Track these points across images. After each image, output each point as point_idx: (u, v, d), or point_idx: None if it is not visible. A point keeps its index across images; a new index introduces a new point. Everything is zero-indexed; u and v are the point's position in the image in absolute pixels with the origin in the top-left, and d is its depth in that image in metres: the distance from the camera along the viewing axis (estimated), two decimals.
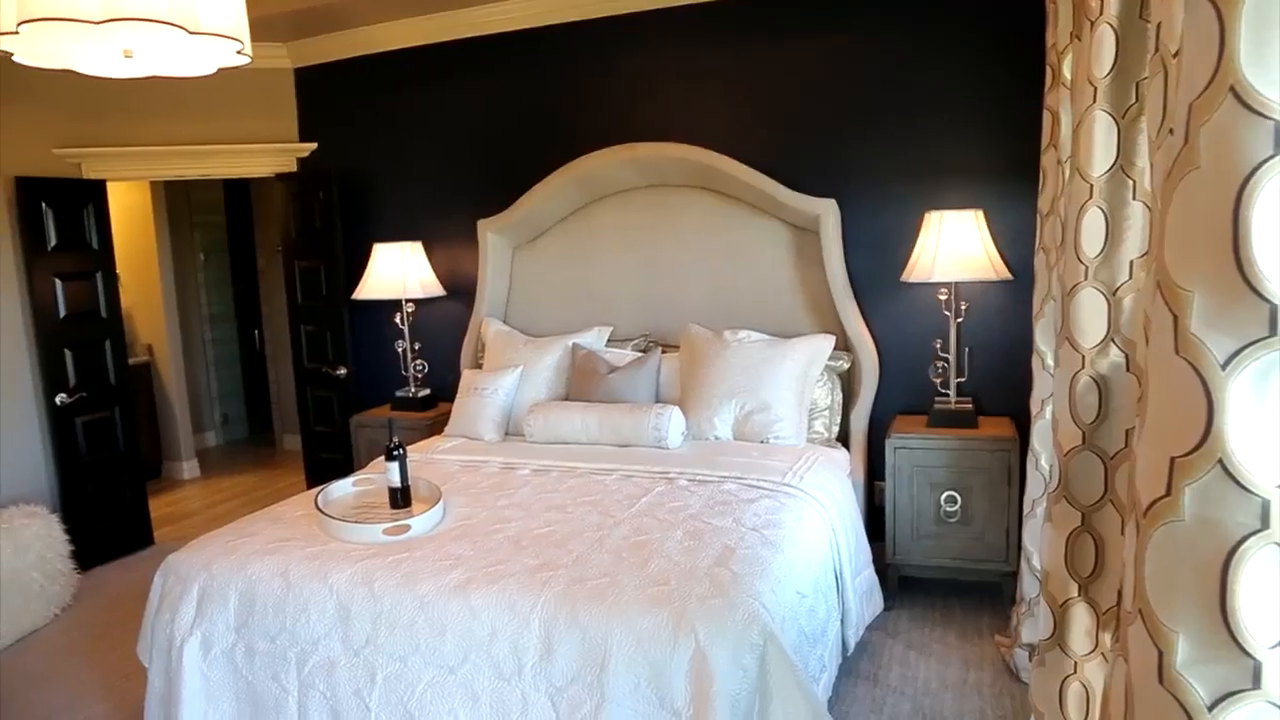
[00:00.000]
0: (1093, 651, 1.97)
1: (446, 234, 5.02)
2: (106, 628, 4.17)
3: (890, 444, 3.86)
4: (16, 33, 2.23)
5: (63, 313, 4.88)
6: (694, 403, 3.97)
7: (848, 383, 4.20)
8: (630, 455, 3.70)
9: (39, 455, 4.90)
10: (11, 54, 2.41)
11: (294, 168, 5.37)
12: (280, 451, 7.52)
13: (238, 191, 7.66)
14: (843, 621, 3.12)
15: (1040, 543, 2.68)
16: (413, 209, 5.14)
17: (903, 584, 4.00)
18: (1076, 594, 1.97)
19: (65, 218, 4.89)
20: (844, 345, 4.17)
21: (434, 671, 2.50)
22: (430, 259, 4.95)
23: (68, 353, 4.91)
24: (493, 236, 4.70)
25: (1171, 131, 1.10)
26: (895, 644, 3.58)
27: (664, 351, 4.31)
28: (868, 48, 4.11)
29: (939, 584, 4.04)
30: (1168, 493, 1.08)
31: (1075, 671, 1.99)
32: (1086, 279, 1.88)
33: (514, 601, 2.44)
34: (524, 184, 4.61)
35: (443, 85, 4.96)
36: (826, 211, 4.08)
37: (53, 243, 4.83)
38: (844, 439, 4.13)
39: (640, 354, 4.31)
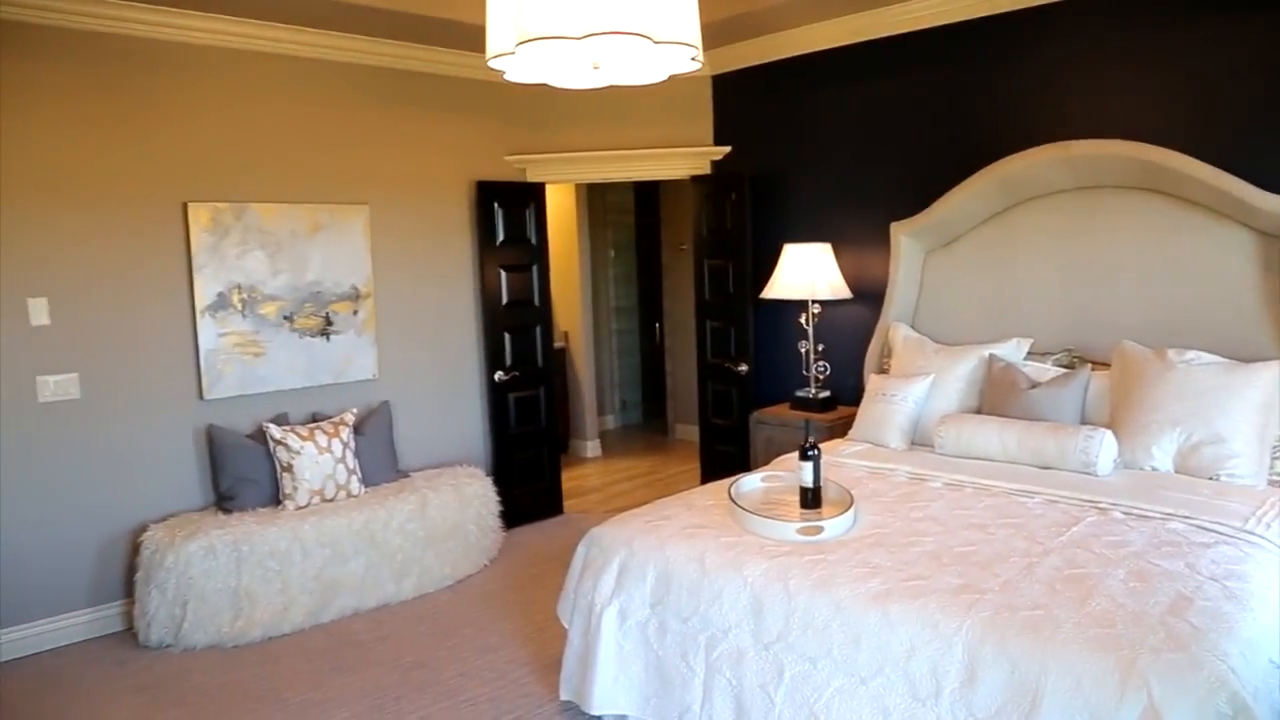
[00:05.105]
0: None
1: (854, 236, 4.97)
2: (525, 583, 4.64)
3: None
4: (513, 53, 2.51)
5: (505, 300, 5.52)
6: (1127, 427, 3.58)
7: None
8: (1052, 478, 3.42)
9: (478, 424, 5.58)
10: (504, 72, 2.70)
11: (708, 170, 5.61)
12: (672, 440, 7.93)
13: (647, 193, 8.19)
14: None
15: None
16: (821, 210, 5.15)
17: None
18: None
19: (511, 216, 5.52)
20: None
21: (844, 679, 2.47)
22: (837, 260, 4.93)
23: (507, 336, 5.54)
24: (905, 240, 4.57)
25: None
26: None
27: (1092, 369, 3.93)
28: None
29: None
30: None
31: None
32: None
33: (936, 620, 2.34)
34: (938, 186, 4.44)
35: (855, 86, 4.92)
36: None
37: (500, 238, 5.48)
38: None
39: (1064, 370, 3.97)
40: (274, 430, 4.37)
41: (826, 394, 4.91)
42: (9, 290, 3.90)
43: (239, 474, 4.33)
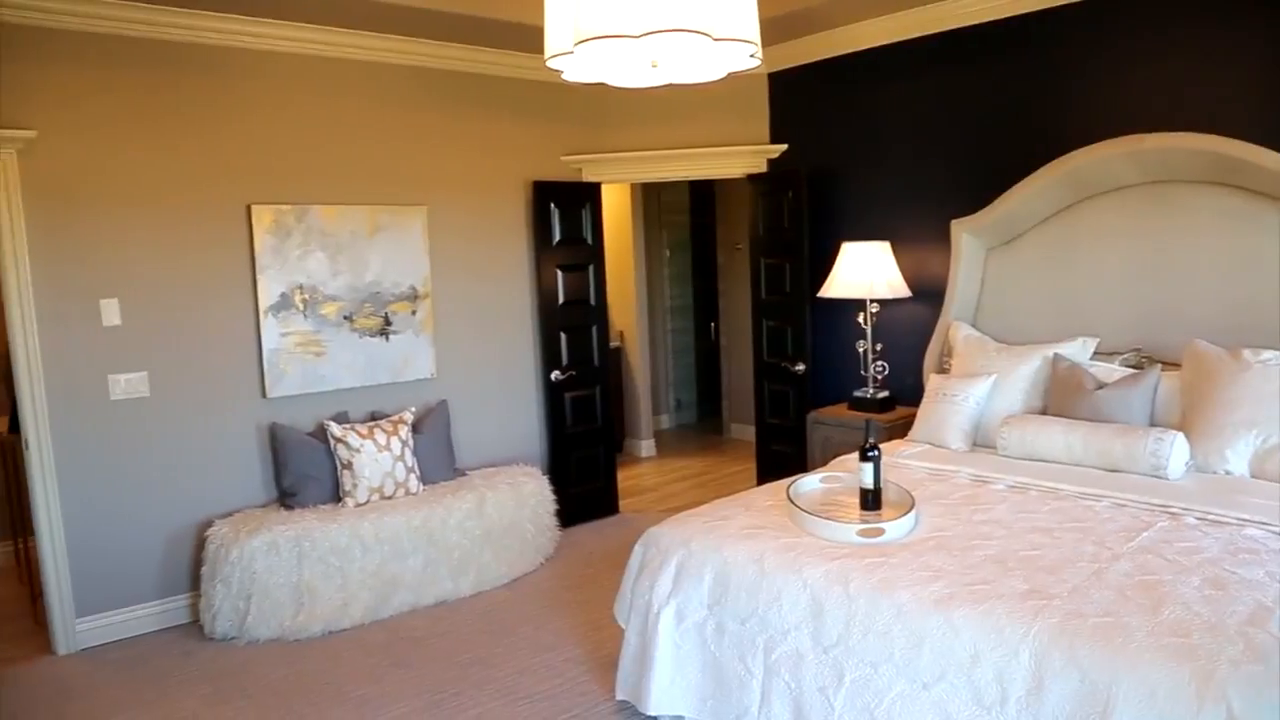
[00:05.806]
0: None
1: (914, 234, 4.90)
2: (581, 582, 4.65)
3: None
4: (571, 53, 2.51)
5: (561, 299, 5.54)
6: (1200, 429, 3.47)
7: None
8: (1120, 482, 3.33)
9: (535, 424, 5.60)
10: (561, 72, 2.70)
11: (764, 168, 5.57)
12: (727, 439, 7.88)
13: (702, 192, 8.16)
14: None
15: None
16: (880, 208, 5.09)
17: None
18: None
19: (567, 216, 5.53)
20: None
21: (905, 684, 2.43)
22: (896, 259, 4.85)
23: (563, 335, 5.56)
24: (967, 237, 4.49)
25: None
26: None
27: (1162, 369, 3.82)
28: None
29: None
30: None
31: None
32: None
33: (1002, 626, 2.29)
34: (1000, 182, 4.36)
35: (915, 82, 4.85)
36: None
37: (557, 238, 5.49)
38: None
39: (1132, 370, 3.86)
40: (334, 428, 4.44)
41: (885, 394, 4.84)
42: (83, 292, 4.02)
43: (301, 471, 4.40)
